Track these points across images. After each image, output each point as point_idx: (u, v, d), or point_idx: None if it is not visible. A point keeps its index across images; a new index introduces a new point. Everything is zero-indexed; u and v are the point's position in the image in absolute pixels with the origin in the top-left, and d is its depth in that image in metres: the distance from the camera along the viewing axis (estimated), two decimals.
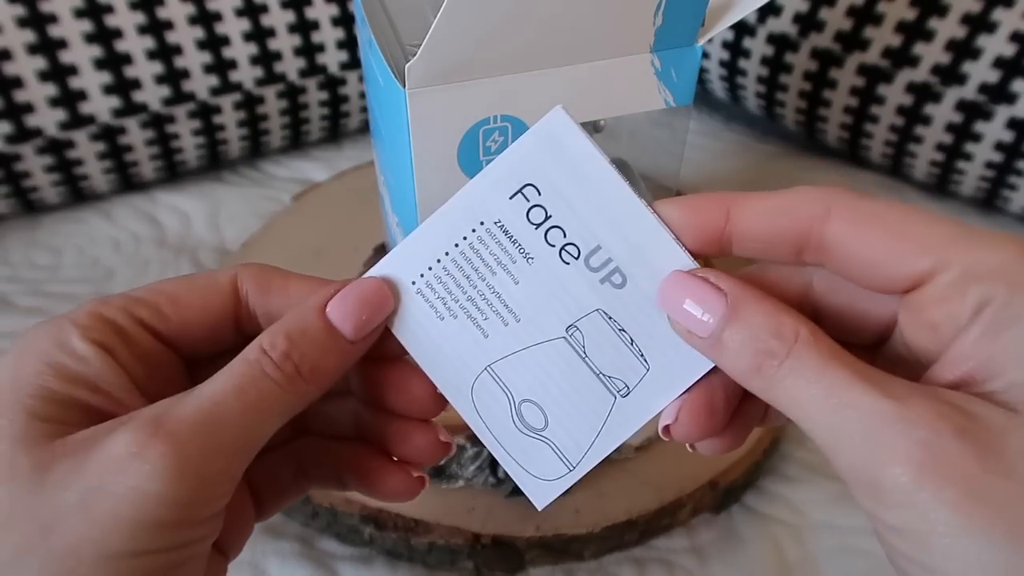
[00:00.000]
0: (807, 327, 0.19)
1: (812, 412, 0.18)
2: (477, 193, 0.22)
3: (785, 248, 0.20)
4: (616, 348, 0.22)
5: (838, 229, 0.19)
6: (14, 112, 0.45)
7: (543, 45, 0.27)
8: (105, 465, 0.18)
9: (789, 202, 0.20)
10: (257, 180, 0.56)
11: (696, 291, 0.20)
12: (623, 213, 0.21)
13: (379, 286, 0.22)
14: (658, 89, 0.30)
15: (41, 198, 0.50)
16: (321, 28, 0.52)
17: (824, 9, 0.53)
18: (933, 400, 0.17)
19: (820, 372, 0.18)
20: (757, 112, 0.61)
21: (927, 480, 0.16)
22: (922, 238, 0.19)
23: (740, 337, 0.19)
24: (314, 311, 0.21)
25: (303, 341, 0.20)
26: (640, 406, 0.22)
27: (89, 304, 0.21)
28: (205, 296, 0.22)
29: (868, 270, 0.19)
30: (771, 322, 0.19)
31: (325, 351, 0.21)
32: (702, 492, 0.36)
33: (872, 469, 0.17)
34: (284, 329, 0.21)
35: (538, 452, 0.22)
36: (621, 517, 0.35)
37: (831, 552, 0.37)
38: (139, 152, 0.51)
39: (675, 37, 0.29)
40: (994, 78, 0.48)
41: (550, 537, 0.34)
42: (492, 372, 0.22)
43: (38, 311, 0.45)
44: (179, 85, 0.49)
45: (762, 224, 0.20)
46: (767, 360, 0.19)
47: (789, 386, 0.18)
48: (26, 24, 0.44)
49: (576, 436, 0.22)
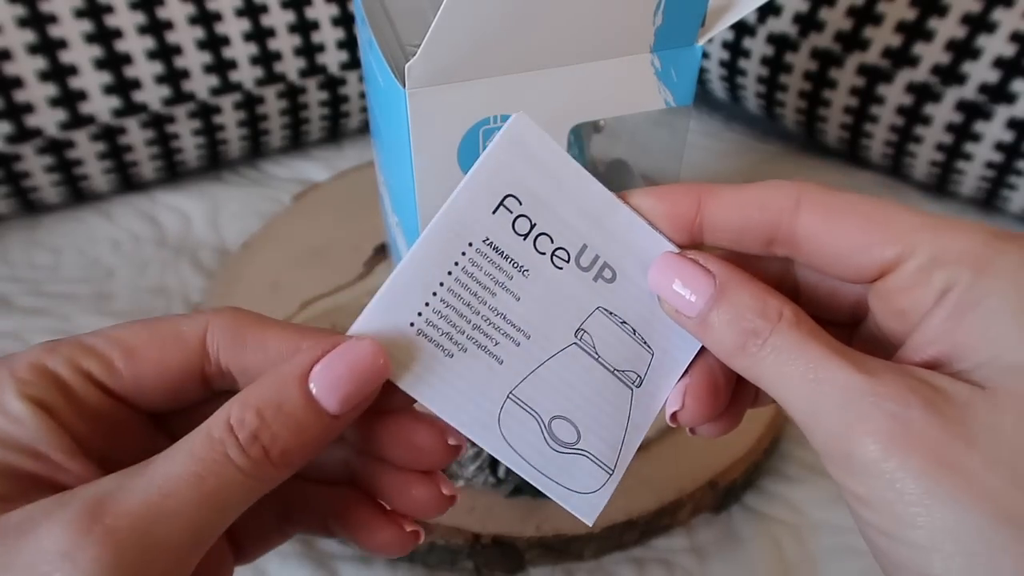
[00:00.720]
0: (790, 308, 0.19)
1: (791, 388, 0.19)
2: (459, 213, 0.20)
3: (756, 239, 0.21)
4: (622, 341, 0.22)
5: (807, 221, 0.20)
6: (14, 112, 0.45)
7: (543, 45, 0.27)
8: (34, 560, 0.16)
9: (760, 194, 0.20)
10: (257, 180, 0.56)
11: (685, 272, 0.21)
12: (599, 208, 0.21)
13: (373, 351, 0.19)
14: (658, 89, 0.30)
15: (41, 198, 0.50)
16: (321, 28, 0.52)
17: (824, 9, 0.53)
18: (904, 376, 0.18)
19: (799, 349, 0.19)
20: (757, 112, 0.61)
21: (895, 450, 0.17)
22: (888, 228, 0.19)
23: (726, 317, 0.20)
24: (293, 381, 0.18)
25: (277, 419, 0.18)
26: (654, 392, 0.22)
27: (33, 352, 0.19)
28: (165, 350, 0.19)
29: (837, 261, 0.20)
30: (756, 303, 0.19)
31: (302, 430, 0.18)
32: (702, 492, 0.36)
33: (844, 441, 0.17)
34: (256, 402, 0.18)
35: (577, 467, 0.22)
36: (621, 517, 0.35)
37: (831, 552, 0.37)
38: (139, 152, 0.51)
39: (675, 37, 0.29)
40: (994, 78, 0.48)
41: (550, 537, 0.34)
42: (515, 398, 0.21)
43: (38, 311, 0.45)
44: (179, 85, 0.49)
45: (733, 215, 0.21)
46: (751, 339, 0.19)
47: (771, 363, 0.19)
48: (26, 24, 0.44)
49: (608, 438, 0.22)
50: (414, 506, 0.22)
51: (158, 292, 0.47)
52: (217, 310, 0.20)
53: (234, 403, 0.18)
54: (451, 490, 0.22)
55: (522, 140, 0.21)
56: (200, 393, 0.20)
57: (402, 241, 0.34)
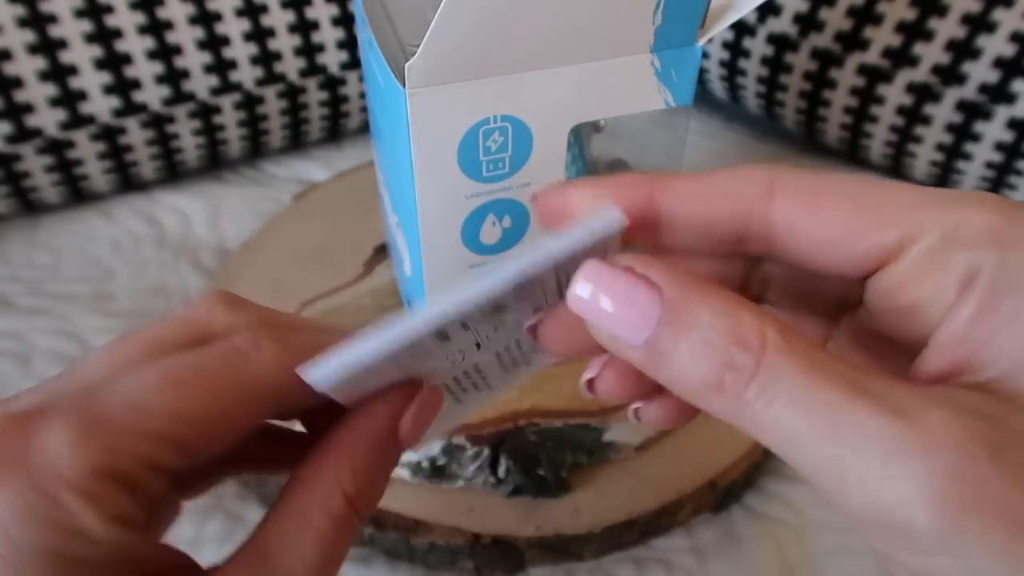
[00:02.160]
0: (773, 326, 0.15)
1: (804, 443, 0.14)
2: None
3: (724, 235, 0.17)
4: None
5: (785, 207, 0.16)
6: (14, 112, 0.45)
7: (543, 45, 0.27)
8: None
9: (725, 182, 0.17)
10: (257, 180, 0.56)
11: (617, 286, 0.15)
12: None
13: (439, 393, 0.20)
14: (658, 89, 0.30)
15: (41, 198, 0.50)
16: (321, 28, 0.52)
17: (824, 9, 0.53)
18: (954, 411, 0.14)
19: (804, 391, 0.14)
20: (757, 112, 0.61)
21: (968, 522, 0.13)
22: (884, 207, 0.16)
23: (687, 345, 0.15)
24: (390, 438, 0.19)
25: (381, 479, 0.18)
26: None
27: (88, 450, 0.15)
28: (235, 410, 0.17)
29: (824, 252, 0.16)
30: (726, 322, 0.15)
31: (388, 473, 0.19)
32: (702, 492, 0.36)
33: (894, 510, 0.13)
34: (362, 469, 0.18)
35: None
36: (621, 517, 0.35)
37: (831, 552, 0.37)
38: (139, 152, 0.51)
39: (675, 37, 0.29)
40: (994, 78, 0.48)
41: (550, 537, 0.34)
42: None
43: (38, 311, 0.45)
44: (179, 85, 0.49)
45: (695, 208, 0.17)
46: (729, 375, 0.14)
47: (763, 409, 0.14)
48: (26, 24, 0.44)
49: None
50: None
51: (158, 292, 0.47)
52: (269, 341, 0.18)
53: (343, 472, 0.18)
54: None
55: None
56: (259, 425, 0.19)
57: (402, 241, 0.34)
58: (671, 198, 0.17)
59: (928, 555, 0.14)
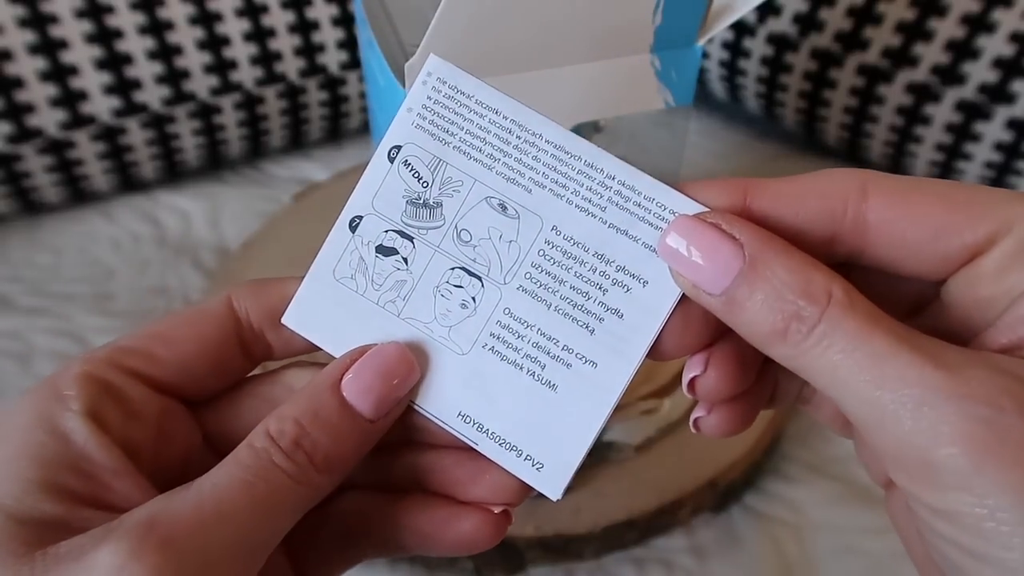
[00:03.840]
0: (840, 285, 0.16)
1: (850, 385, 0.16)
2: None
3: (815, 235, 0.18)
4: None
5: (878, 206, 0.17)
6: (15, 112, 0.45)
7: (542, 45, 0.27)
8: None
9: (819, 182, 0.18)
10: (257, 180, 0.56)
11: (705, 239, 0.17)
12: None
13: (401, 353, 0.19)
14: (658, 89, 0.30)
15: (41, 198, 0.50)
16: (321, 28, 0.52)
17: (824, 9, 0.53)
18: (992, 371, 0.15)
19: (859, 339, 0.16)
20: (757, 112, 0.61)
21: (989, 462, 0.14)
22: (975, 205, 0.17)
23: (761, 296, 0.16)
24: (327, 390, 0.19)
25: (315, 426, 0.18)
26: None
27: (75, 363, 0.19)
28: (199, 326, 0.20)
29: (916, 250, 0.17)
30: (798, 279, 0.16)
31: (341, 435, 0.18)
32: (702, 492, 0.36)
33: (922, 449, 0.15)
34: (293, 412, 0.18)
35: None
36: (621, 517, 0.35)
37: (831, 552, 0.37)
38: (139, 152, 0.51)
39: (675, 37, 0.29)
40: (994, 78, 0.48)
41: (550, 537, 0.34)
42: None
43: (39, 311, 0.45)
44: (179, 85, 0.49)
45: (788, 208, 0.18)
46: (794, 324, 0.16)
47: (821, 355, 0.16)
48: (26, 24, 0.44)
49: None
50: (490, 491, 0.20)
51: (158, 292, 0.47)
52: (235, 286, 0.21)
53: (272, 418, 0.18)
54: None
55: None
56: (243, 364, 0.21)
57: None
58: (764, 200, 0.18)
59: (949, 492, 0.15)
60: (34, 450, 0.17)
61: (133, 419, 0.19)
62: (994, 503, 0.14)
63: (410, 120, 0.20)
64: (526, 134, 0.19)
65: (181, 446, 0.20)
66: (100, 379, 0.18)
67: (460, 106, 0.20)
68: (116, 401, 0.18)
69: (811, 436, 0.42)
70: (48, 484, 0.17)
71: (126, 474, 0.18)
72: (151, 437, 0.19)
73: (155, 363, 0.19)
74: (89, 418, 0.18)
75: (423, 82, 0.20)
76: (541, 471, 0.20)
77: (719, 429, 0.21)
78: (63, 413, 0.18)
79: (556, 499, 0.20)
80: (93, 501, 0.17)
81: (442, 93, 0.20)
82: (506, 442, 0.20)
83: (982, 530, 0.15)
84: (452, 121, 0.20)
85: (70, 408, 0.18)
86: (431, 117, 0.20)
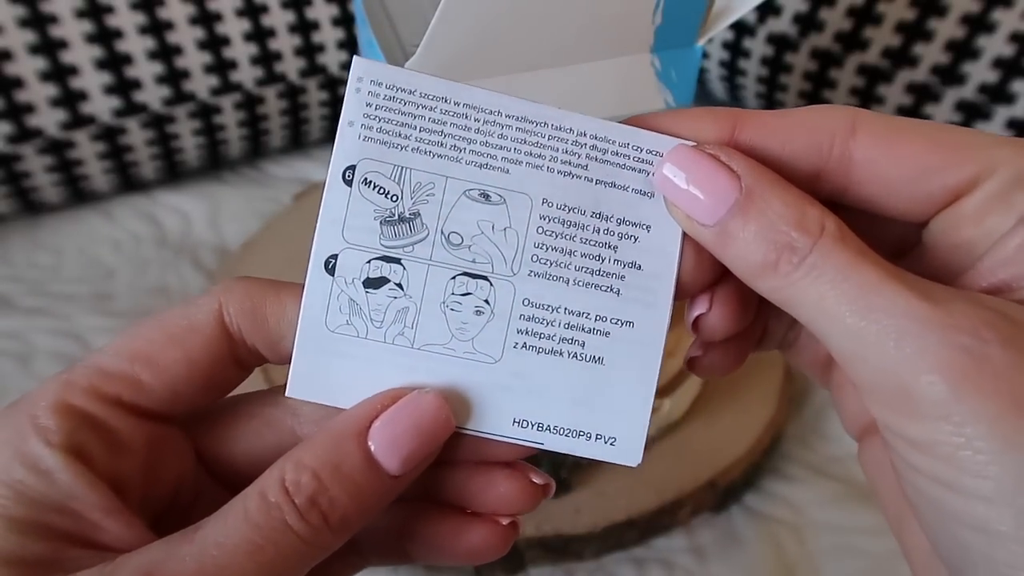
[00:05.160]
0: (833, 219, 0.16)
1: (836, 316, 0.16)
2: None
3: (801, 170, 0.18)
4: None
5: (866, 142, 0.17)
6: (15, 112, 0.45)
7: (542, 45, 0.27)
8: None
9: (809, 116, 0.18)
10: (257, 180, 0.56)
11: (703, 170, 0.17)
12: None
13: (437, 405, 0.18)
14: (658, 89, 0.30)
15: (42, 198, 0.50)
16: (321, 28, 0.52)
17: (824, 9, 0.53)
18: (976, 306, 0.15)
19: (848, 270, 0.16)
20: None
21: (968, 390, 0.14)
22: (961, 147, 0.17)
23: (755, 227, 0.16)
24: (352, 440, 0.17)
25: (335, 481, 0.16)
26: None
27: (50, 389, 0.17)
28: (186, 346, 0.18)
29: (899, 189, 0.17)
30: (793, 211, 0.16)
31: (361, 493, 0.17)
32: (702, 492, 0.36)
33: (903, 377, 0.15)
34: (313, 463, 0.16)
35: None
36: (621, 517, 0.35)
37: (831, 552, 0.37)
38: (139, 152, 0.51)
39: (675, 37, 0.29)
40: (994, 78, 0.48)
41: (550, 537, 0.34)
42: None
43: (39, 311, 0.45)
44: (179, 85, 0.49)
45: (776, 141, 0.18)
46: (786, 255, 0.16)
47: (809, 286, 0.16)
48: (26, 24, 0.44)
49: None
50: (503, 501, 0.19)
51: (158, 292, 0.47)
52: (226, 286, 0.18)
53: (288, 462, 0.17)
54: (543, 478, 0.19)
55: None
56: (237, 376, 0.19)
57: None
58: (752, 132, 0.18)
59: (927, 421, 0.15)
60: (16, 488, 0.16)
61: (119, 452, 0.17)
62: (971, 431, 0.14)
63: (355, 134, 0.18)
64: (484, 114, 0.18)
65: (172, 472, 0.19)
66: (80, 411, 0.17)
67: (405, 104, 0.18)
68: (99, 434, 0.17)
69: (811, 436, 0.42)
70: (34, 524, 0.16)
71: (115, 511, 0.17)
72: (139, 468, 0.18)
73: (140, 390, 0.18)
74: (72, 455, 0.16)
75: (356, 90, 0.18)
76: (616, 445, 0.19)
77: (713, 368, 0.20)
78: (43, 449, 0.16)
79: (637, 465, 0.19)
80: (82, 541, 0.16)
81: (381, 96, 0.18)
82: (571, 431, 0.19)
83: (958, 459, 0.15)
84: (402, 123, 0.18)
85: (50, 443, 0.16)
86: (377, 124, 0.18)
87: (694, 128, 0.18)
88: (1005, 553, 0.14)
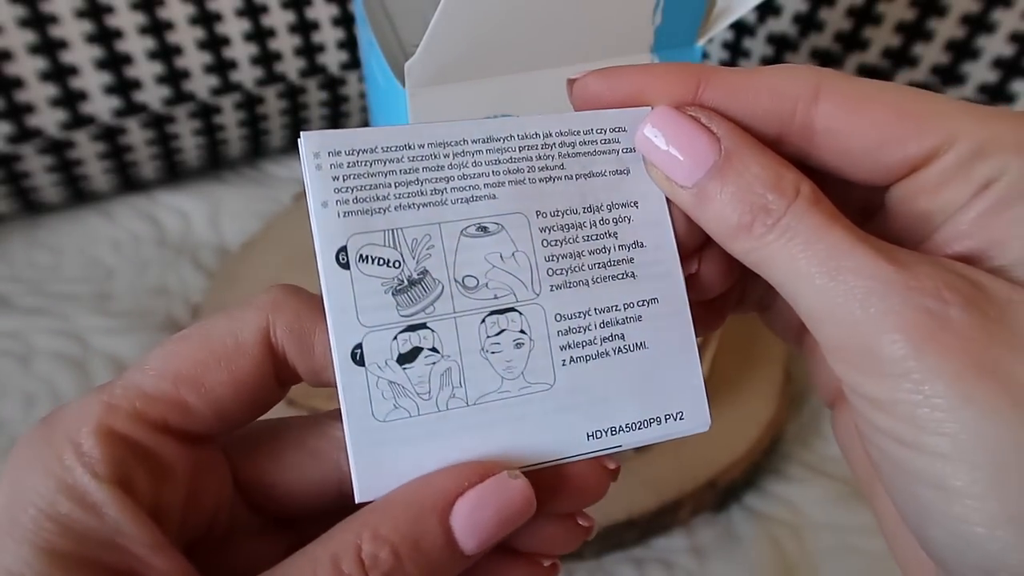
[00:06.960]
0: (808, 184, 0.17)
1: (806, 277, 0.16)
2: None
3: (764, 133, 0.18)
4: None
5: (828, 110, 0.17)
6: (15, 112, 0.45)
7: (542, 45, 0.27)
8: None
9: (773, 79, 0.18)
10: (257, 180, 0.56)
11: (683, 131, 0.18)
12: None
13: (526, 493, 0.17)
14: None
15: (41, 198, 0.50)
16: (321, 28, 0.52)
17: (824, 9, 0.53)
18: (940, 269, 0.16)
19: (820, 232, 0.16)
20: None
21: (928, 349, 0.15)
22: (925, 117, 0.17)
23: (732, 189, 0.17)
24: (434, 516, 0.16)
25: (413, 558, 0.16)
26: None
27: (91, 412, 0.16)
28: (232, 367, 0.17)
29: (861, 157, 0.17)
30: (769, 175, 0.17)
31: (435, 572, 0.16)
32: (702, 492, 0.36)
33: (866, 336, 0.15)
34: (392, 536, 0.16)
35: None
36: (621, 517, 0.35)
37: (831, 552, 0.37)
38: (139, 152, 0.51)
39: (675, 37, 0.29)
40: (994, 78, 0.48)
41: None
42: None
43: (39, 311, 0.45)
44: (179, 85, 0.49)
45: (740, 101, 0.18)
46: (760, 217, 0.16)
47: (782, 248, 0.16)
48: (26, 24, 0.44)
49: None
50: (545, 544, 0.19)
51: (158, 292, 0.47)
52: (275, 302, 0.18)
53: (366, 530, 0.16)
54: (588, 521, 0.19)
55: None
56: (278, 394, 0.18)
57: None
58: (717, 92, 0.18)
59: (888, 379, 0.15)
60: (63, 522, 0.15)
61: (162, 479, 0.17)
62: (930, 389, 0.15)
63: (333, 214, 0.17)
64: (450, 148, 0.18)
65: (212, 498, 0.18)
66: (125, 438, 0.16)
67: (371, 165, 0.17)
68: (144, 462, 0.16)
69: (811, 436, 0.42)
70: (80, 559, 0.15)
71: (160, 547, 0.16)
72: (182, 497, 0.17)
73: (187, 414, 0.17)
74: (119, 488, 0.16)
75: (316, 167, 0.17)
76: (684, 418, 0.19)
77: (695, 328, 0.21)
78: (91, 482, 0.15)
79: (708, 427, 0.19)
80: (125, 574, 0.16)
81: (344, 166, 0.17)
82: (642, 421, 0.19)
83: (916, 417, 0.15)
84: (375, 185, 0.17)
85: (97, 475, 0.15)
86: (352, 196, 0.17)
87: (659, 85, 0.18)
88: (960, 508, 0.15)
